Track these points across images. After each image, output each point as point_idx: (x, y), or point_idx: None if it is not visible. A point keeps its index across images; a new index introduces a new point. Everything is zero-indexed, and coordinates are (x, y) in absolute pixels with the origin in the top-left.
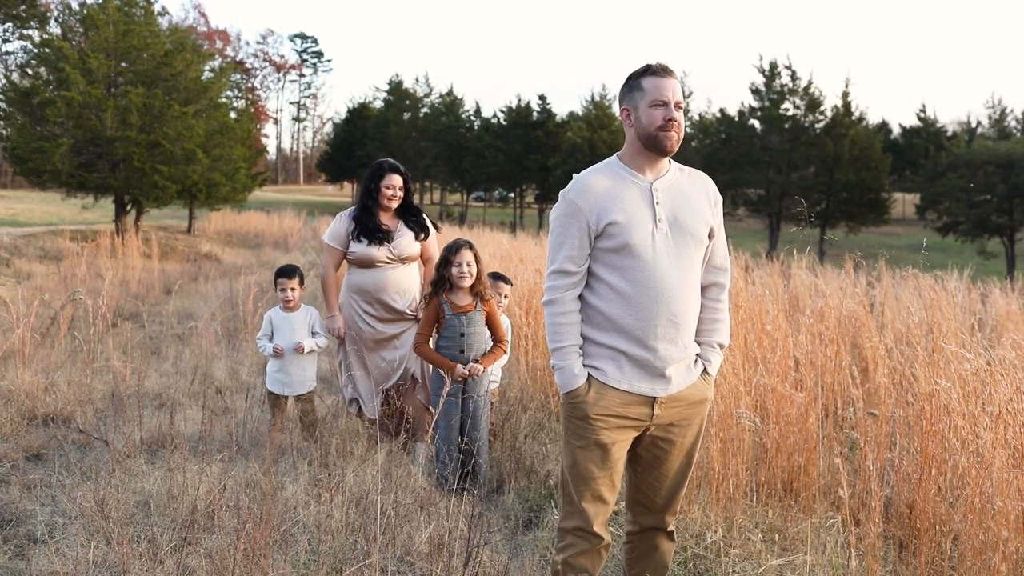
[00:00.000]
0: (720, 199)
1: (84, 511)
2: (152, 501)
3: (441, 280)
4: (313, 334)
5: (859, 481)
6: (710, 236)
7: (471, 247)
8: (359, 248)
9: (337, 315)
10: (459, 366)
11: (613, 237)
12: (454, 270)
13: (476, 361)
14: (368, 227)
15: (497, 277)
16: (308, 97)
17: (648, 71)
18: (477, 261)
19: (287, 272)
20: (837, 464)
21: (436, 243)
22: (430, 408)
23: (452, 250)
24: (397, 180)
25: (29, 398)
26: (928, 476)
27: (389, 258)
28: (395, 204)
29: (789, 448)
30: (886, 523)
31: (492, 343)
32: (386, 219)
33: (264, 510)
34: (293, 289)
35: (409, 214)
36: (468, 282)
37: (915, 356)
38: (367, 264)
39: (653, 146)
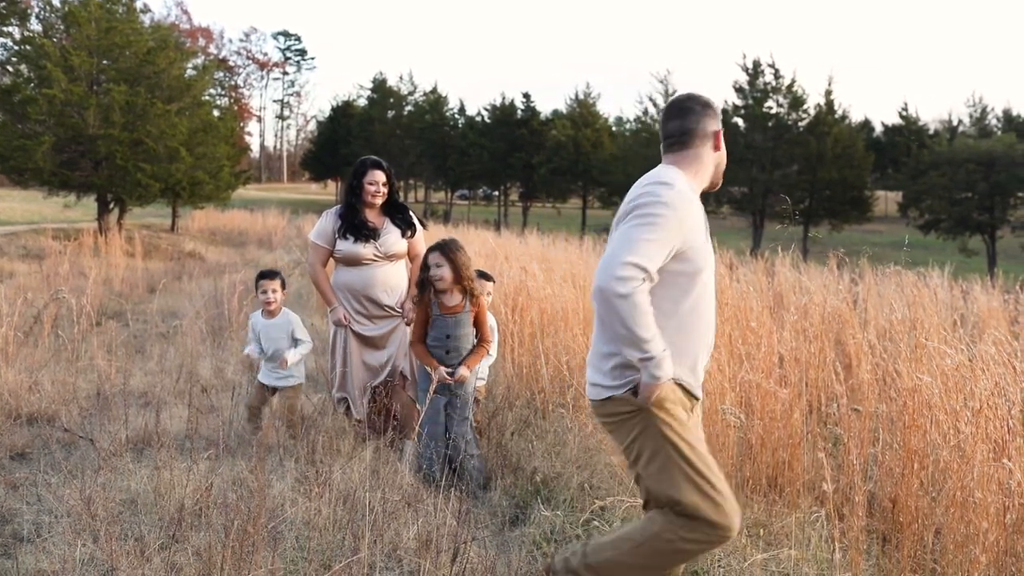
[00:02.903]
0: None
1: (71, 509)
2: (139, 499)
3: (424, 282)
4: (296, 340)
5: (842, 476)
6: None
7: (440, 248)
8: (345, 246)
9: (337, 307)
10: (441, 370)
11: (690, 261)
12: (429, 272)
13: (461, 363)
14: (354, 224)
15: (480, 275)
16: (292, 95)
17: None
18: (449, 261)
19: (268, 274)
20: (821, 459)
21: (423, 240)
22: (418, 405)
23: (427, 253)
24: (380, 176)
25: (13, 397)
26: (911, 470)
27: (376, 255)
28: (379, 201)
29: (774, 444)
30: (869, 517)
31: (476, 342)
32: (372, 216)
33: (253, 507)
34: (275, 291)
35: (395, 211)
36: (441, 284)
37: (898, 352)
38: (354, 262)
39: (713, 181)
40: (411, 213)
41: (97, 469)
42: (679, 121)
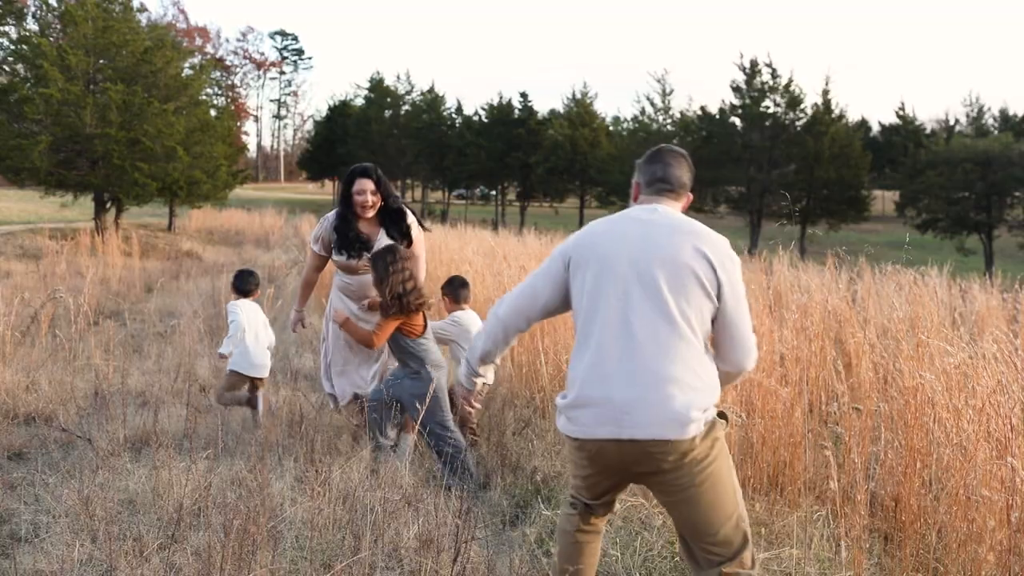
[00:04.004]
0: None
1: (69, 510)
2: (137, 499)
3: None
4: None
5: (843, 475)
6: None
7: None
8: (340, 258)
9: (299, 312)
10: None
11: None
12: None
13: None
14: (347, 239)
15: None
16: (289, 95)
17: None
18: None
19: None
20: (828, 458)
21: (422, 243)
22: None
23: None
24: (367, 185)
25: (10, 397)
26: (913, 469)
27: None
28: (370, 213)
29: (775, 443)
30: (871, 516)
31: None
32: (366, 227)
33: (253, 507)
34: None
35: (391, 220)
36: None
37: (899, 351)
38: (349, 271)
39: None
40: (408, 220)
41: (95, 469)
42: (684, 173)
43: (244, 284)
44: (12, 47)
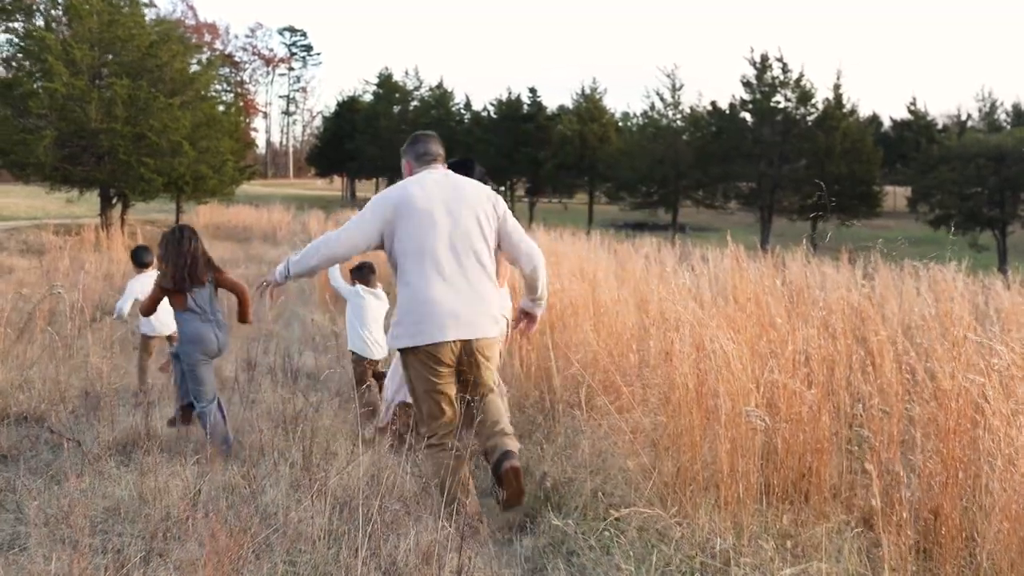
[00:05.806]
0: None
1: (49, 518)
2: (123, 506)
3: None
4: None
5: (870, 481)
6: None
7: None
8: None
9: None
10: None
11: None
12: None
13: None
14: None
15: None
16: (297, 91)
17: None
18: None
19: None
20: (868, 468)
21: None
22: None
23: None
24: None
25: (2, 396)
26: (955, 480)
27: None
28: None
29: (800, 448)
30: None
31: None
32: None
33: (244, 516)
34: None
35: None
36: None
37: (932, 350)
38: None
39: None
40: None
41: (80, 473)
42: (439, 147)
43: (142, 258)
44: (19, 43)
